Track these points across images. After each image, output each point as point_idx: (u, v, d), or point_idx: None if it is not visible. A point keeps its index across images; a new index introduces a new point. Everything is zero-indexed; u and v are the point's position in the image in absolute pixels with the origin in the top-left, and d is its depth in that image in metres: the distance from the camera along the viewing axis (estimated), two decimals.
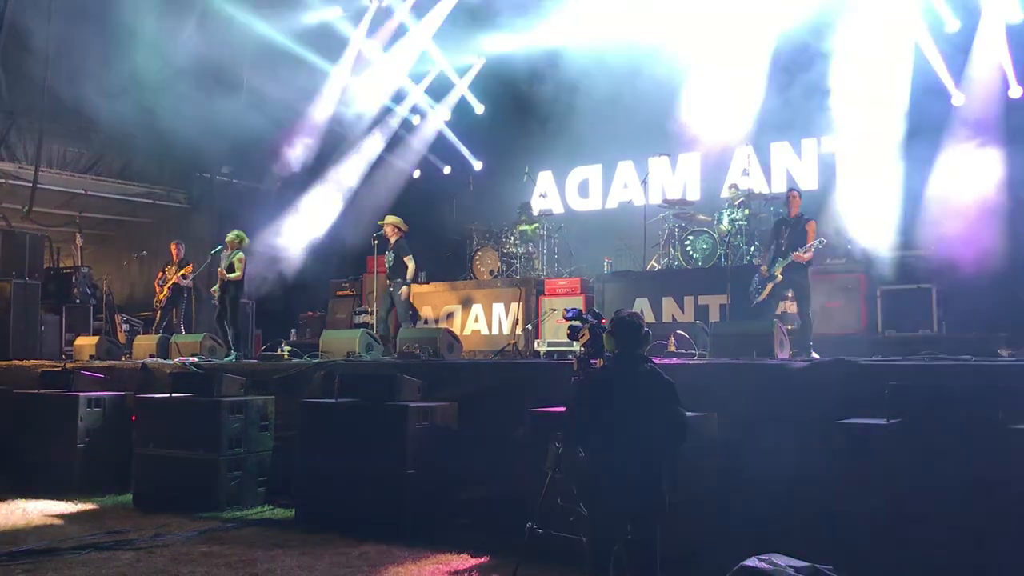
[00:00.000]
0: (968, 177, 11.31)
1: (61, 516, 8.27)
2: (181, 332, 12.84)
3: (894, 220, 11.73)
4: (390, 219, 12.26)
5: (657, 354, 8.02)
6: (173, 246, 13.56)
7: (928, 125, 12.00)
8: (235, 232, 12.53)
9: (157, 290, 13.50)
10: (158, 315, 13.45)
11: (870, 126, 12.63)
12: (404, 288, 11.80)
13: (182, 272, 13.17)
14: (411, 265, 11.83)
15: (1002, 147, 11.43)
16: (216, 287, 12.22)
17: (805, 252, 9.75)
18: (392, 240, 12.07)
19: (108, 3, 13.57)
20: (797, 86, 12.85)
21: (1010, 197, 11.17)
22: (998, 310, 10.27)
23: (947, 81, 12.39)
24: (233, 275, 12.00)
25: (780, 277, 9.89)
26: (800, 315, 9.98)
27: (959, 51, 12.37)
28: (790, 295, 10.32)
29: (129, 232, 18.07)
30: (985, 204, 11.04)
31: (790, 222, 10.13)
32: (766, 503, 6.07)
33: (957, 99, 12.31)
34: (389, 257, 12.05)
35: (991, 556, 4.98)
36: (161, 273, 13.55)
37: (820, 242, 9.85)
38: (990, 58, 12.15)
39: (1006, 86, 12.10)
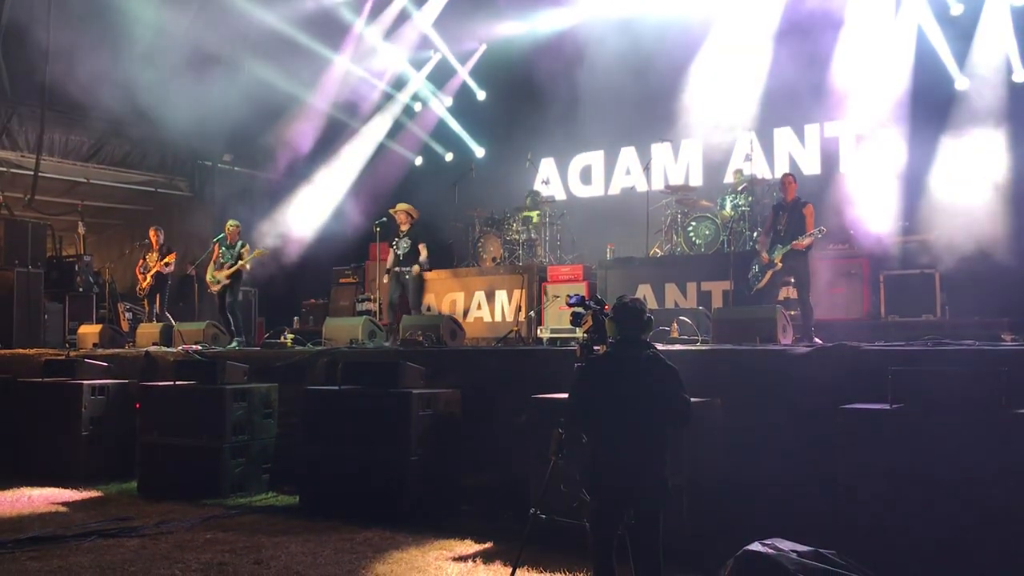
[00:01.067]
0: (971, 162, 11.27)
1: (66, 503, 8.30)
2: (167, 320, 12.83)
3: (897, 205, 11.72)
4: (403, 206, 12.23)
5: (660, 340, 8.02)
6: (152, 232, 13.52)
7: (932, 109, 11.96)
8: (235, 221, 12.56)
9: (139, 278, 13.48)
10: (146, 304, 13.48)
11: (873, 111, 12.60)
12: (415, 267, 11.86)
13: (165, 260, 13.16)
14: (425, 252, 11.91)
15: (1006, 131, 11.39)
16: (220, 278, 12.24)
17: (804, 240, 9.70)
18: (406, 227, 12.06)
19: None
20: (800, 71, 12.79)
21: (1014, 181, 11.13)
22: (1001, 295, 10.25)
23: (951, 65, 12.33)
24: (245, 264, 12.13)
25: (780, 264, 9.85)
26: (800, 301, 9.93)
27: (963, 35, 12.31)
28: (792, 281, 10.30)
29: (131, 220, 18.06)
30: (989, 189, 11.01)
31: (787, 207, 10.06)
32: (769, 488, 6.09)
33: (961, 83, 12.25)
34: (405, 244, 12.01)
35: (994, 540, 4.98)
36: (142, 260, 13.52)
37: (820, 231, 9.76)
38: (994, 42, 12.09)
39: (1010, 70, 12.03)
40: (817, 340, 8.82)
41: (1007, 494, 4.97)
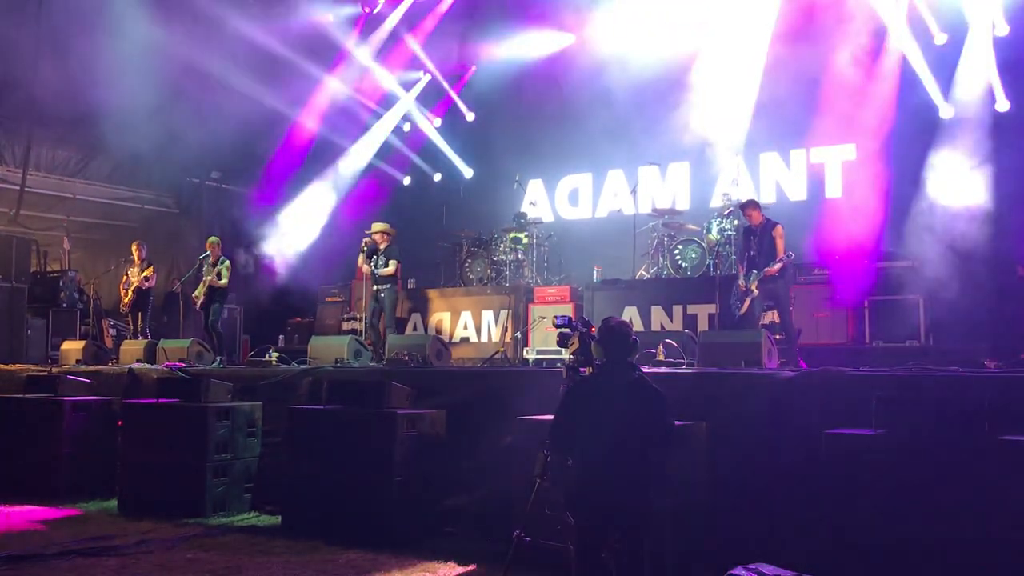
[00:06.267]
0: (955, 189, 11.38)
1: (45, 522, 8.20)
2: (147, 336, 12.75)
3: (882, 231, 11.80)
4: (379, 226, 12.26)
5: (646, 363, 8.03)
6: (135, 247, 13.40)
7: (916, 137, 12.07)
8: (215, 238, 12.54)
9: (122, 293, 13.39)
10: (129, 320, 13.38)
11: (858, 138, 12.73)
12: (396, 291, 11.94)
13: (144, 274, 13.07)
14: (393, 267, 11.95)
15: (989, 159, 11.50)
16: (199, 293, 12.21)
17: (774, 266, 9.74)
18: (383, 246, 12.08)
19: (98, 6, 13.52)
20: (786, 97, 12.91)
21: (996, 209, 11.24)
22: (985, 322, 10.32)
23: (935, 94, 12.44)
24: (222, 282, 12.06)
25: (756, 291, 9.87)
26: (783, 325, 9.97)
27: (947, 64, 12.45)
28: (773, 306, 10.32)
29: (117, 236, 17.94)
30: (972, 216, 11.11)
31: (756, 230, 10.09)
32: (754, 512, 6.08)
33: (945, 112, 12.38)
34: (382, 262, 12.04)
35: (979, 566, 4.99)
36: (125, 276, 13.42)
37: (788, 256, 9.80)
38: (978, 71, 12.22)
39: (993, 99, 12.16)
40: (802, 364, 8.85)
41: (991, 519, 4.99)
